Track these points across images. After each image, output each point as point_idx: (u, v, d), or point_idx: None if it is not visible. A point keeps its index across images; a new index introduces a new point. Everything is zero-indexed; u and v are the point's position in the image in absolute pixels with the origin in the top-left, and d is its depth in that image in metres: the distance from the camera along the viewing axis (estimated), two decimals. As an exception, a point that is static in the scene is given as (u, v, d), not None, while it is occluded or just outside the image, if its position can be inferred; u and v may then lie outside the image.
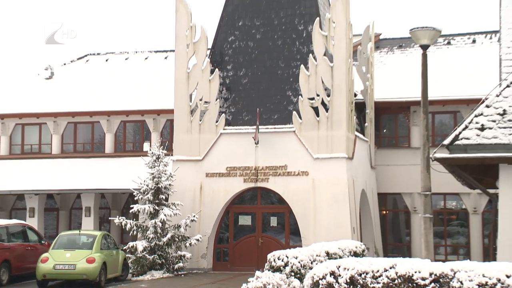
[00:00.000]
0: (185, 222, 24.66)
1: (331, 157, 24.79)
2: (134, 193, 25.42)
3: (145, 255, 24.07)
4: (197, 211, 25.44)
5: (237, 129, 25.94)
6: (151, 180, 24.78)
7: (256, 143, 25.20)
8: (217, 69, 26.55)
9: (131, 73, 35.22)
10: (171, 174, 25.11)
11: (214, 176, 25.86)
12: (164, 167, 24.97)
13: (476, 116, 16.40)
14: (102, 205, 31.42)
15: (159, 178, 24.72)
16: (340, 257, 17.92)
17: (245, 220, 26.24)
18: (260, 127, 25.18)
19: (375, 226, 28.60)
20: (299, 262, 16.44)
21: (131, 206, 25.21)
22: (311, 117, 25.08)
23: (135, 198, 25.38)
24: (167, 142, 27.58)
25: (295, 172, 25.20)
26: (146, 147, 29.78)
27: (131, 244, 24.44)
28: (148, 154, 25.35)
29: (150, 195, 24.68)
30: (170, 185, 25.00)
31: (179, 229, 24.68)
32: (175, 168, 25.68)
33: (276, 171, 25.36)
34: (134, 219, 25.32)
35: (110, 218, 28.67)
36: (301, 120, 25.15)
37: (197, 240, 24.71)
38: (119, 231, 30.23)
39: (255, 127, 25.11)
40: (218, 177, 25.84)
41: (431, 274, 10.53)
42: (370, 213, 28.16)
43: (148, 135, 31.66)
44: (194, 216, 24.80)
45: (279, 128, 25.60)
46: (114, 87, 33.83)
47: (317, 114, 25.06)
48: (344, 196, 24.50)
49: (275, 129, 25.60)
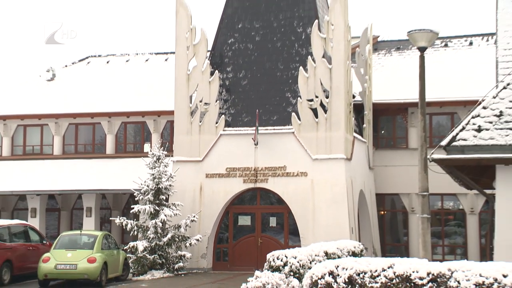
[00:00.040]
0: (185, 222, 24.67)
1: (330, 158, 24.80)
2: (134, 194, 25.43)
3: (145, 255, 24.08)
4: (197, 211, 25.44)
5: (236, 130, 25.94)
6: (151, 181, 24.78)
7: (255, 144, 25.22)
8: (217, 71, 26.55)
9: (132, 74, 35.24)
10: (171, 174, 25.11)
11: (214, 176, 25.87)
12: (164, 168, 24.98)
13: (473, 118, 16.41)
14: (103, 206, 31.43)
15: (160, 179, 24.73)
16: (339, 257, 17.92)
17: (244, 220, 26.24)
18: (260, 128, 25.18)
19: (373, 226, 28.61)
20: (298, 262, 16.43)
21: (132, 207, 25.22)
22: (310, 119, 25.09)
23: (136, 199, 25.39)
24: (167, 143, 27.57)
25: (294, 172, 25.20)
26: (146, 148, 29.79)
27: (132, 244, 24.44)
28: (149, 155, 25.35)
29: (150, 195, 24.68)
30: (170, 185, 25.00)
31: (179, 229, 24.68)
32: (175, 169, 25.68)
33: (275, 172, 25.36)
34: (135, 220, 25.32)
35: (111, 218, 28.67)
36: (300, 121, 25.16)
37: (197, 240, 24.72)
38: (120, 231, 30.23)
39: (254, 128, 25.11)
40: (218, 178, 25.85)
41: (428, 274, 10.53)
42: (369, 213, 28.16)
43: (148, 136, 31.65)
44: (194, 217, 24.81)
45: (278, 129, 25.61)
46: (115, 88, 33.84)
47: (316, 116, 25.07)
48: (343, 197, 24.51)
49: (274, 130, 25.61)
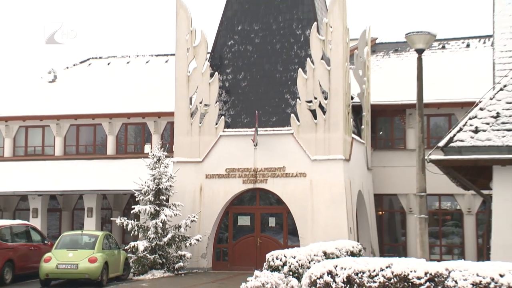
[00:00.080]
0: (185, 222, 24.66)
1: (329, 159, 24.80)
2: (135, 194, 25.42)
3: (146, 254, 24.07)
4: (197, 211, 25.43)
5: (236, 132, 25.94)
6: (152, 181, 24.77)
7: (255, 145, 25.22)
8: (216, 73, 26.55)
9: (133, 76, 35.25)
10: (171, 175, 25.11)
11: (214, 177, 25.86)
12: (164, 168, 24.97)
13: (470, 119, 16.42)
14: (104, 206, 31.43)
15: (160, 180, 24.72)
16: (337, 256, 17.92)
17: (244, 221, 26.23)
18: (259, 129, 25.18)
19: (372, 227, 28.60)
20: (297, 262, 16.42)
21: (133, 207, 25.21)
22: (309, 120, 25.09)
23: (136, 199, 25.38)
24: (167, 144, 27.57)
25: (293, 173, 25.20)
26: (147, 149, 29.77)
27: (132, 244, 24.43)
28: (149, 156, 25.34)
29: (151, 196, 24.67)
30: (170, 186, 24.99)
31: (179, 229, 24.67)
32: (176, 170, 25.68)
33: (275, 173, 25.36)
34: (135, 220, 25.30)
35: (111, 219, 28.67)
36: (299, 122, 25.16)
37: (197, 240, 24.71)
38: (121, 231, 30.22)
39: (254, 129, 25.12)
40: (217, 178, 25.84)
41: (426, 274, 10.53)
42: (367, 213, 28.16)
43: (149, 137, 31.66)
44: (194, 217, 24.80)
45: (277, 131, 25.61)
46: (116, 90, 33.85)
47: (315, 117, 25.07)
48: (341, 197, 24.51)
49: (273, 131, 25.61)
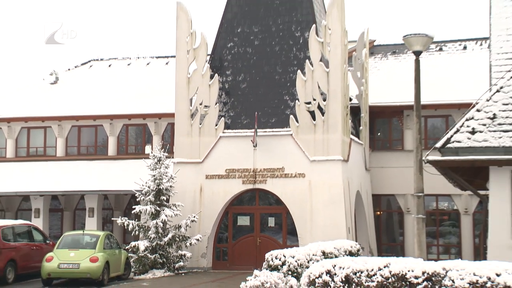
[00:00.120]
0: (185, 222, 24.66)
1: (327, 160, 24.81)
2: (136, 195, 25.41)
3: (146, 254, 24.07)
4: (197, 211, 25.44)
5: (236, 133, 25.95)
6: (152, 182, 24.77)
7: (254, 146, 25.23)
8: (216, 74, 26.56)
9: (134, 78, 35.25)
10: (172, 176, 25.11)
11: (214, 178, 25.87)
12: (165, 169, 24.97)
13: (467, 120, 16.44)
14: (105, 206, 31.43)
15: (160, 180, 24.72)
16: (336, 256, 17.93)
17: (243, 221, 26.24)
18: (258, 130, 25.19)
19: (370, 227, 28.61)
20: (296, 261, 16.44)
21: (133, 207, 25.20)
22: (308, 121, 25.10)
23: (137, 199, 25.38)
24: (168, 145, 27.57)
25: (292, 174, 25.21)
26: (147, 150, 29.76)
27: (133, 243, 24.42)
28: (150, 157, 25.34)
29: (151, 196, 24.67)
30: (171, 186, 24.99)
31: (179, 229, 24.67)
32: (176, 170, 25.68)
33: (274, 173, 25.36)
34: (136, 220, 25.30)
35: (112, 219, 28.67)
36: (298, 123, 25.17)
37: (197, 240, 24.71)
38: (122, 231, 30.22)
39: (253, 130, 25.13)
40: (217, 179, 25.85)
41: (423, 273, 10.54)
42: (365, 213, 28.17)
43: (149, 138, 31.66)
44: (194, 217, 24.80)
45: (276, 132, 25.62)
46: (117, 91, 33.86)
47: (314, 118, 25.09)
48: (340, 198, 24.52)
49: (272, 132, 25.62)
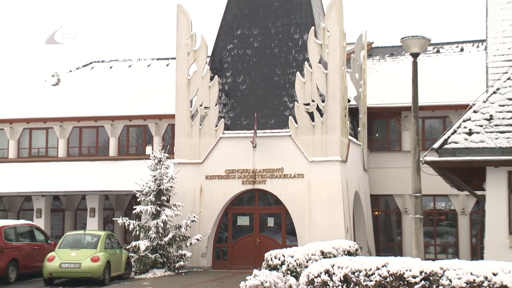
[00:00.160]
0: (185, 222, 24.66)
1: (326, 160, 24.81)
2: (136, 195, 25.40)
3: (147, 254, 24.06)
4: (197, 212, 25.44)
5: (235, 134, 25.96)
6: (153, 182, 24.77)
7: (254, 147, 25.23)
8: (216, 76, 26.57)
9: (134, 79, 35.25)
10: (172, 176, 25.11)
11: (214, 178, 25.87)
12: (165, 169, 24.97)
13: (464, 121, 16.46)
14: (106, 206, 31.43)
15: (161, 180, 24.72)
16: (334, 256, 17.92)
17: (243, 221, 26.23)
18: (258, 131, 25.19)
19: (368, 226, 28.61)
20: (295, 261, 16.43)
21: (134, 207, 25.19)
22: (307, 122, 25.10)
23: (138, 200, 25.37)
24: (168, 145, 27.56)
25: (291, 174, 25.21)
26: (148, 150, 29.78)
27: (134, 243, 24.42)
28: (150, 157, 25.34)
29: (152, 196, 24.67)
30: (171, 187, 24.99)
31: (180, 229, 24.67)
32: (176, 171, 25.68)
33: (273, 174, 25.36)
34: (137, 220, 25.30)
35: (113, 219, 28.65)
36: (297, 124, 25.17)
37: (197, 239, 24.71)
38: (123, 231, 30.22)
39: (253, 131, 25.13)
40: (217, 179, 25.85)
41: (421, 272, 10.54)
42: (363, 214, 28.17)
43: (150, 139, 31.67)
44: (194, 217, 24.80)
45: (276, 133, 25.62)
46: (118, 93, 33.86)
47: (312, 119, 25.09)
48: (338, 198, 24.52)
49: (272, 133, 25.62)
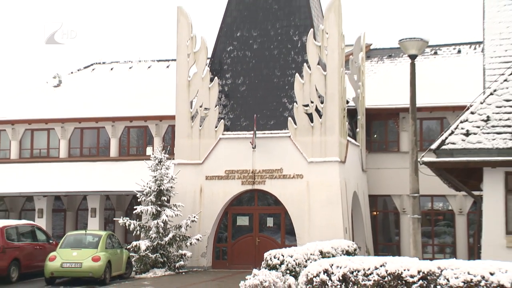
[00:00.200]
0: (186, 222, 24.65)
1: (325, 161, 24.81)
2: (137, 195, 25.40)
3: (147, 254, 24.05)
4: (197, 212, 25.43)
5: (235, 134, 25.96)
6: (153, 183, 24.77)
7: (253, 148, 25.23)
8: (216, 77, 26.57)
9: (135, 81, 35.24)
10: (172, 177, 25.10)
11: (214, 178, 25.86)
12: (166, 170, 24.96)
13: (461, 122, 16.47)
14: (107, 207, 31.41)
15: (161, 181, 24.71)
16: (333, 256, 17.92)
17: (243, 221, 26.22)
18: (257, 132, 25.19)
19: (366, 227, 28.61)
20: (294, 261, 16.43)
21: (135, 207, 25.19)
22: (306, 123, 25.11)
23: (139, 200, 25.37)
24: (168, 146, 27.56)
25: (290, 175, 25.20)
26: (149, 151, 29.78)
27: (135, 243, 24.41)
28: (151, 158, 25.34)
29: (152, 197, 24.66)
30: (171, 187, 24.99)
31: (180, 229, 24.66)
32: (177, 171, 25.68)
33: (273, 174, 25.36)
34: (138, 220, 25.29)
35: (114, 219, 28.65)
36: (296, 125, 25.17)
37: (197, 239, 24.70)
38: (123, 231, 30.19)
39: (252, 132, 25.13)
40: (217, 180, 25.85)
41: (419, 272, 10.55)
42: (362, 214, 28.16)
43: (151, 140, 31.65)
44: (194, 217, 24.79)
45: (275, 133, 25.62)
46: (119, 94, 33.86)
47: (311, 120, 25.09)
48: (337, 198, 24.52)
49: (271, 134, 25.62)
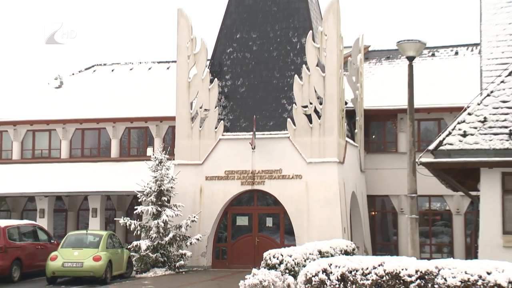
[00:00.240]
0: (186, 222, 24.65)
1: (323, 162, 24.81)
2: (138, 195, 25.39)
3: (148, 253, 24.05)
4: (197, 212, 25.43)
5: (235, 135, 25.96)
6: (154, 183, 24.77)
7: (252, 148, 25.24)
8: (216, 79, 26.57)
9: (136, 82, 35.24)
10: (172, 177, 25.10)
11: (213, 179, 25.87)
12: (166, 170, 24.96)
13: (459, 123, 16.47)
14: (108, 207, 31.41)
15: (162, 181, 24.71)
16: (332, 255, 17.91)
17: (242, 221, 26.22)
18: (257, 133, 25.19)
19: (365, 226, 28.61)
20: (293, 260, 16.42)
21: (135, 208, 25.18)
22: (305, 124, 25.11)
23: (139, 200, 25.36)
24: (169, 147, 27.56)
25: (289, 175, 25.20)
26: (149, 152, 29.76)
27: (135, 243, 24.41)
28: (151, 159, 25.33)
29: (153, 197, 24.66)
30: (172, 187, 24.99)
31: (180, 229, 24.66)
32: (177, 172, 25.68)
33: (272, 175, 25.36)
34: (138, 220, 25.29)
35: (115, 219, 28.64)
36: (295, 126, 25.18)
37: (197, 239, 24.70)
38: (124, 231, 30.18)
39: (252, 133, 25.13)
40: (217, 180, 25.85)
41: (417, 271, 10.54)
42: (360, 214, 28.16)
43: (151, 140, 31.65)
44: (194, 217, 24.79)
45: (274, 134, 25.62)
46: (120, 95, 33.84)
47: (310, 121, 25.09)
48: (336, 198, 24.52)
49: (270, 135, 25.62)
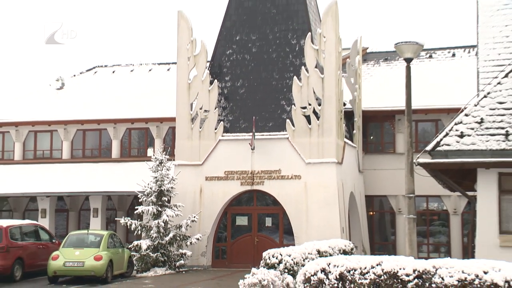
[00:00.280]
0: (186, 222, 24.65)
1: (322, 162, 24.82)
2: (138, 195, 25.38)
3: (148, 253, 24.05)
4: (197, 212, 25.43)
5: (234, 136, 25.96)
6: (154, 183, 24.77)
7: (252, 149, 25.24)
8: (216, 80, 26.58)
9: (136, 83, 35.26)
10: (173, 177, 25.10)
11: (213, 179, 25.87)
12: (166, 171, 24.96)
13: (456, 124, 16.49)
14: (109, 207, 31.42)
15: (162, 182, 24.71)
16: (330, 255, 17.91)
17: (242, 221, 26.23)
18: (256, 134, 25.21)
19: (363, 226, 28.61)
20: (292, 260, 16.43)
21: (136, 208, 25.18)
22: (303, 125, 25.12)
23: (140, 200, 25.36)
24: (169, 148, 27.57)
25: (288, 176, 25.21)
26: (150, 152, 29.76)
27: (136, 243, 24.41)
28: (152, 159, 25.32)
29: (153, 197, 24.66)
30: (172, 188, 24.99)
31: (180, 229, 24.66)
32: (177, 172, 25.68)
33: (271, 175, 25.37)
34: (139, 220, 25.29)
35: (116, 219, 28.61)
36: (294, 127, 25.19)
37: (197, 239, 24.70)
38: (125, 230, 30.19)
39: (251, 134, 25.14)
40: (217, 181, 25.85)
41: (414, 271, 10.55)
42: (358, 214, 28.17)
43: (151, 141, 31.66)
44: (194, 217, 24.80)
45: (273, 135, 25.63)
46: (120, 96, 33.86)
47: (309, 122, 25.11)
48: (334, 199, 24.53)
49: (270, 136, 25.63)
